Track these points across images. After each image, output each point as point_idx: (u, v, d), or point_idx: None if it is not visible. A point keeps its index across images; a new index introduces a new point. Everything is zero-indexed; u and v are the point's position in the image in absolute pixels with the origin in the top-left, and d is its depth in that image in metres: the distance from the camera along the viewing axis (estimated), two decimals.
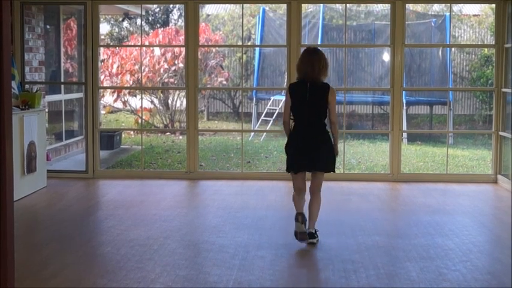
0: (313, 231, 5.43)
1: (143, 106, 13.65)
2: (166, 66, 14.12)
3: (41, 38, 9.42)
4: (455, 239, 5.63)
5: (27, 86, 8.61)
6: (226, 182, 8.35)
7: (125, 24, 20.17)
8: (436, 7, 17.51)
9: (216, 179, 8.54)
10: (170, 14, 20.26)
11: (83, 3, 8.49)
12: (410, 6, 15.53)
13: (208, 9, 19.57)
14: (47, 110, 9.48)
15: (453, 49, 16.52)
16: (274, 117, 14.60)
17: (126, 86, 13.96)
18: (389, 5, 8.47)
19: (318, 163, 5.39)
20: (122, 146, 12.42)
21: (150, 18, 19.91)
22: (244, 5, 9.79)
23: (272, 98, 15.29)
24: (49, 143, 9.63)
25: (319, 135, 5.39)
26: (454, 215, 6.58)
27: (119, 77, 14.02)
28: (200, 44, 11.18)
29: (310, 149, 5.37)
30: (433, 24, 15.33)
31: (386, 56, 15.06)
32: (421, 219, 6.35)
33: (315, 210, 5.48)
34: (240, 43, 16.31)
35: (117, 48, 15.40)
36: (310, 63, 5.36)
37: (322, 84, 5.40)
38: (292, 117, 5.47)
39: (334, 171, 5.53)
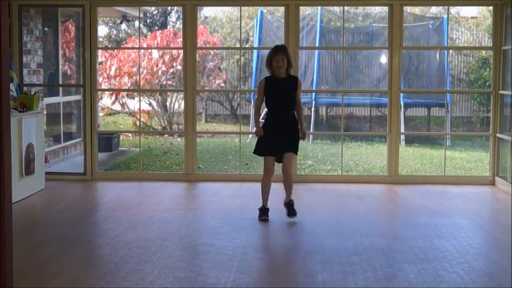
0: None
1: (141, 108, 13.68)
2: (164, 68, 14.13)
3: (39, 40, 9.43)
4: (452, 240, 5.65)
5: (25, 88, 8.62)
6: (224, 184, 8.36)
7: (123, 26, 20.20)
8: (434, 9, 17.55)
9: (214, 181, 8.55)
10: (168, 17, 20.28)
11: (81, 5, 8.50)
12: (408, 9, 15.56)
13: (206, 11, 19.58)
14: (45, 112, 9.48)
15: (451, 51, 16.54)
16: None
17: (124, 88, 13.96)
18: (387, 7, 8.50)
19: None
20: (120, 148, 12.42)
21: (148, 21, 19.93)
22: (242, 7, 9.81)
23: None
24: (47, 145, 9.63)
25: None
26: (452, 216, 6.59)
27: (117, 79, 14.02)
28: (198, 46, 11.20)
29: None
30: (430, 27, 15.36)
31: (384, 58, 15.09)
32: (418, 221, 6.36)
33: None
34: (238, 45, 16.33)
35: (115, 50, 15.41)
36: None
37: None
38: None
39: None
